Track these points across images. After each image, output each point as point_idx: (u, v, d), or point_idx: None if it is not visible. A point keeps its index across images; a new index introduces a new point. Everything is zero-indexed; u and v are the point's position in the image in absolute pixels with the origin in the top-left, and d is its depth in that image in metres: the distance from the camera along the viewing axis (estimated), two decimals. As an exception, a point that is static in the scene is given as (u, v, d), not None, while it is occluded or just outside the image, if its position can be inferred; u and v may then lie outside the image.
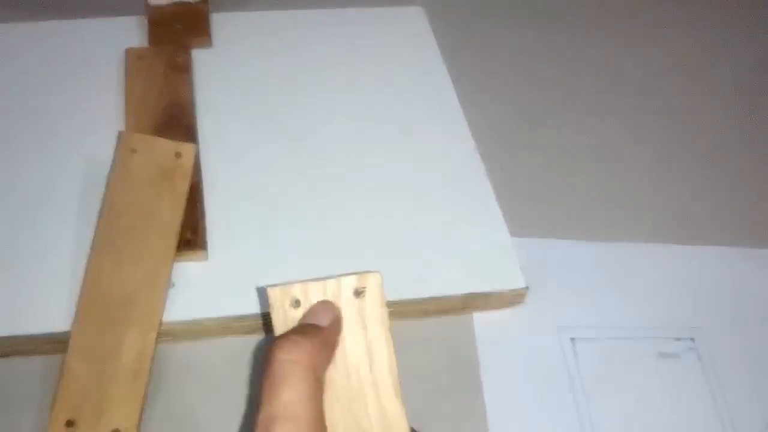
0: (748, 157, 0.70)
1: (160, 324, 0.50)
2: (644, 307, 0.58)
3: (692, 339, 0.56)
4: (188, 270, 0.54)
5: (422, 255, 0.57)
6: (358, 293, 0.39)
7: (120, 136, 0.56)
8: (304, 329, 0.37)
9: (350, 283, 0.39)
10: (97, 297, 0.50)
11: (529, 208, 0.63)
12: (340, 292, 0.39)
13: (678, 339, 0.56)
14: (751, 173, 0.68)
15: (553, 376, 0.53)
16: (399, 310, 0.55)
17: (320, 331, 0.37)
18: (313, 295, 0.38)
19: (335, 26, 0.74)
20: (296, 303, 0.38)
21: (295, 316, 0.38)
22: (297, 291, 0.38)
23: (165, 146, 0.56)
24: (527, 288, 0.56)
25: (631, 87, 0.75)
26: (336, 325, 0.38)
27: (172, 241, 0.53)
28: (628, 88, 0.75)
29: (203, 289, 0.53)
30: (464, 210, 0.60)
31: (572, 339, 0.55)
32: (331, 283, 0.39)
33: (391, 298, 0.53)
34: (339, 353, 0.38)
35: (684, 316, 0.58)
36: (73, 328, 0.49)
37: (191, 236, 0.54)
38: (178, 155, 0.56)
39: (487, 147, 0.65)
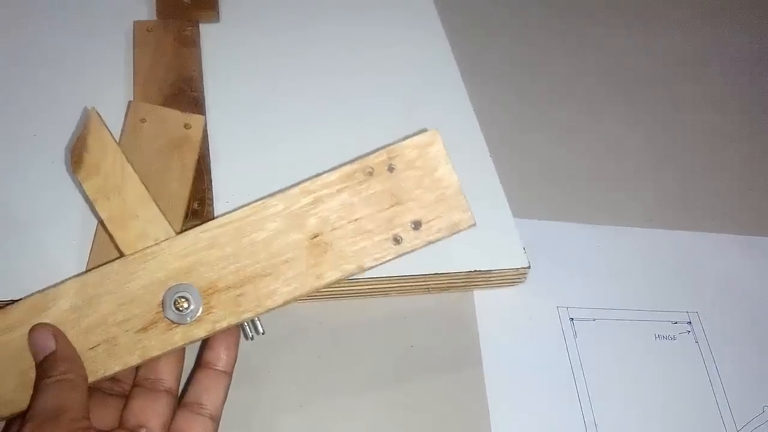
0: (748, 146, 0.70)
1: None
2: (642, 290, 0.59)
3: (689, 322, 0.57)
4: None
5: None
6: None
7: (130, 106, 0.56)
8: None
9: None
10: None
11: (530, 189, 0.63)
12: None
13: (675, 322, 0.57)
14: (750, 162, 0.69)
15: (553, 354, 0.54)
16: (402, 286, 0.55)
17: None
18: None
19: (341, 2, 0.74)
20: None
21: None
22: None
23: (174, 117, 0.56)
24: (529, 267, 0.56)
25: (636, 69, 0.75)
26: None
27: (180, 211, 0.53)
28: (631, 70, 0.75)
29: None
30: (467, 188, 0.60)
31: (572, 319, 0.56)
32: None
33: (395, 274, 0.55)
34: None
35: (682, 300, 0.59)
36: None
37: (198, 206, 0.55)
38: (187, 126, 0.56)
39: (489, 126, 0.65)
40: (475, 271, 0.56)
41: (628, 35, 0.79)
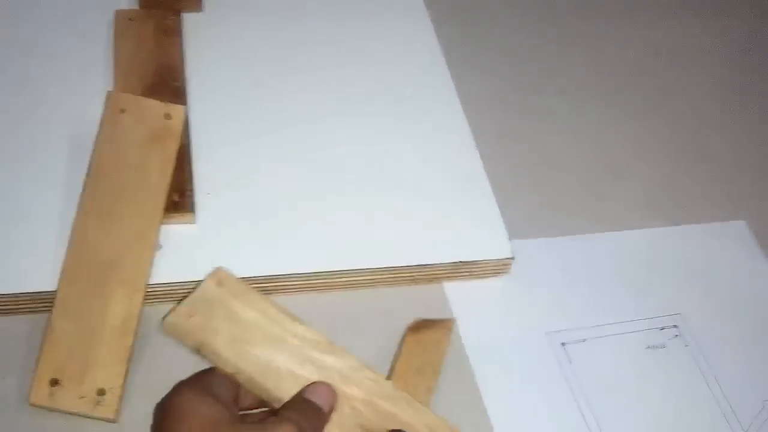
0: (711, 130, 0.70)
1: (147, 285, 0.50)
2: (623, 298, 0.58)
3: (675, 326, 0.56)
4: (175, 232, 0.54)
5: (410, 223, 0.57)
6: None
7: (109, 96, 0.55)
8: (309, 416, 0.42)
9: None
10: (83, 257, 0.50)
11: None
12: None
13: (662, 329, 0.56)
14: (709, 149, 0.69)
15: (550, 380, 0.53)
16: (388, 277, 0.55)
17: (322, 420, 0.42)
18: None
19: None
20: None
21: None
22: None
23: (154, 107, 0.56)
24: (513, 258, 0.56)
25: (620, 67, 0.75)
26: (331, 411, 0.43)
27: (160, 202, 0.52)
28: (616, 67, 0.75)
29: (190, 252, 0.53)
30: (453, 180, 0.60)
31: (563, 344, 0.55)
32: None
33: (379, 265, 0.54)
34: None
35: (663, 302, 0.58)
36: (60, 287, 0.49)
37: (179, 198, 0.54)
38: (167, 116, 0.55)
39: (477, 117, 0.64)
40: (460, 261, 0.55)
41: (618, 27, 0.78)
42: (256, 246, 0.54)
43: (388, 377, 0.49)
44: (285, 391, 0.45)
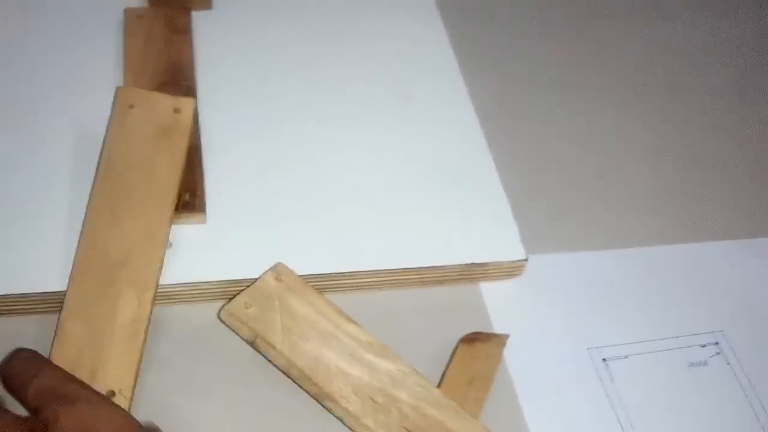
0: (744, 141, 0.69)
1: (157, 285, 0.50)
2: (664, 314, 0.57)
3: (716, 343, 0.56)
4: (186, 232, 0.53)
5: (422, 225, 0.57)
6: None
7: (118, 91, 0.55)
8: None
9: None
10: (93, 256, 0.50)
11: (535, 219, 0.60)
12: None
13: (703, 346, 0.55)
14: (749, 163, 0.68)
15: (592, 396, 0.52)
16: (399, 279, 0.54)
17: None
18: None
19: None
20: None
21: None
22: None
23: (163, 101, 0.55)
24: (527, 260, 0.56)
25: (639, 68, 0.74)
26: None
27: (170, 200, 0.52)
28: (633, 68, 0.74)
29: (201, 252, 0.53)
30: (465, 181, 0.60)
31: (604, 360, 0.54)
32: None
33: (392, 267, 0.54)
34: None
35: (705, 319, 0.57)
36: (69, 287, 0.48)
37: (190, 198, 0.54)
38: (176, 110, 0.55)
39: (488, 117, 0.64)
40: (472, 263, 0.55)
41: (630, 26, 0.78)
42: (267, 246, 0.53)
43: (438, 386, 0.49)
44: (334, 388, 0.46)
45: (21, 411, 0.43)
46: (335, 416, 0.47)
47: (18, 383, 0.43)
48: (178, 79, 0.61)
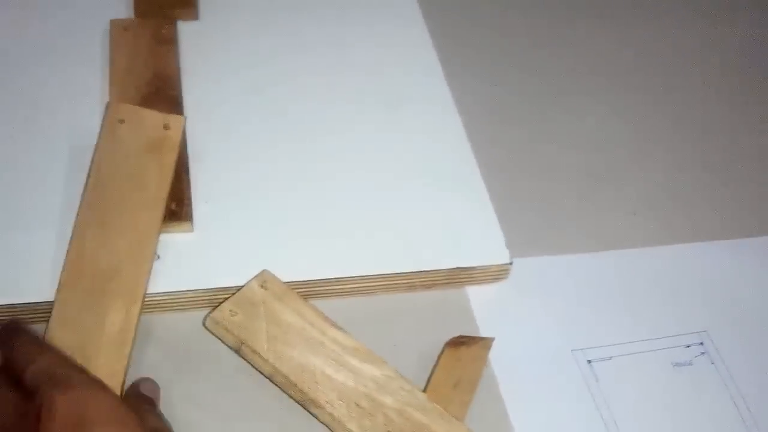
0: (730, 149, 0.69)
1: (145, 295, 0.50)
2: (648, 315, 0.57)
3: (701, 343, 0.56)
4: (173, 242, 0.53)
5: (407, 230, 0.57)
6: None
7: (108, 106, 0.55)
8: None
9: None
10: (81, 267, 0.50)
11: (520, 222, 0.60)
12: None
13: (688, 346, 0.56)
14: (732, 164, 0.68)
15: (577, 398, 0.52)
16: (385, 284, 0.55)
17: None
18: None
19: (323, 1, 0.73)
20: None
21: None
22: None
23: (153, 117, 0.55)
24: (512, 263, 0.56)
25: (624, 69, 0.74)
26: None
27: (159, 212, 0.52)
28: (619, 71, 0.74)
29: (188, 261, 0.53)
30: (450, 185, 0.60)
31: (589, 362, 0.54)
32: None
33: (377, 272, 0.54)
34: None
35: (689, 320, 0.57)
36: (57, 297, 0.49)
37: (176, 207, 0.54)
38: (166, 127, 0.55)
39: (473, 121, 0.64)
40: (457, 268, 0.55)
41: (620, 28, 0.78)
42: (254, 254, 0.54)
43: (424, 390, 0.49)
44: (320, 394, 0.46)
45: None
46: (321, 422, 0.47)
47: (17, 366, 0.43)
48: (164, 90, 0.62)
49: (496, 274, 0.56)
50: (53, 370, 0.42)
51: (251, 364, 0.48)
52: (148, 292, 0.50)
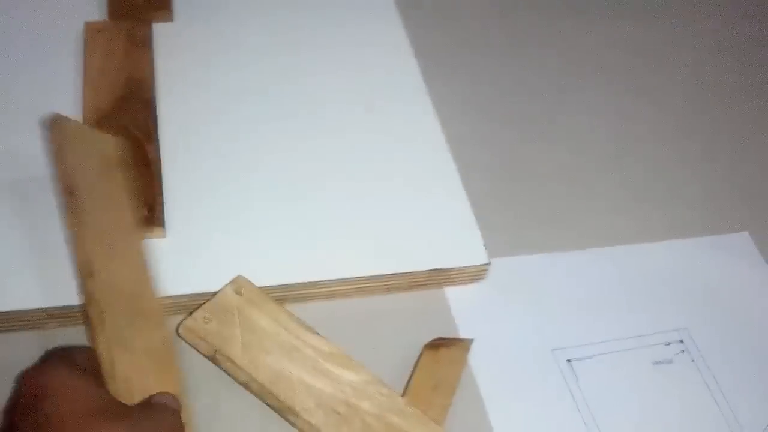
0: (709, 146, 0.69)
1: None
2: (628, 314, 0.57)
3: (681, 341, 0.56)
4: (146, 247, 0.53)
5: (385, 232, 0.57)
6: None
7: (53, 127, 0.53)
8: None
9: None
10: (103, 290, 0.46)
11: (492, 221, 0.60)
12: None
13: (668, 344, 0.55)
14: (706, 162, 0.68)
15: (557, 397, 0.52)
16: (363, 287, 0.54)
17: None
18: None
19: (299, 2, 0.73)
20: None
21: None
22: None
23: (98, 138, 0.54)
24: (489, 264, 0.56)
25: (604, 68, 0.74)
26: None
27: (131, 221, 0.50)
28: (597, 70, 0.74)
29: (161, 267, 0.52)
30: (428, 186, 0.60)
31: (569, 361, 0.54)
32: None
33: (354, 274, 0.54)
34: None
35: (669, 318, 0.57)
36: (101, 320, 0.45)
37: (148, 213, 0.53)
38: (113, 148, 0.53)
39: (450, 122, 0.64)
40: (435, 269, 0.55)
41: (601, 27, 0.78)
42: (229, 259, 0.53)
43: (403, 393, 0.49)
44: (296, 401, 0.46)
45: None
46: (298, 429, 0.47)
47: None
48: (138, 93, 0.61)
49: (475, 274, 0.56)
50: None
51: (226, 372, 0.48)
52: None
